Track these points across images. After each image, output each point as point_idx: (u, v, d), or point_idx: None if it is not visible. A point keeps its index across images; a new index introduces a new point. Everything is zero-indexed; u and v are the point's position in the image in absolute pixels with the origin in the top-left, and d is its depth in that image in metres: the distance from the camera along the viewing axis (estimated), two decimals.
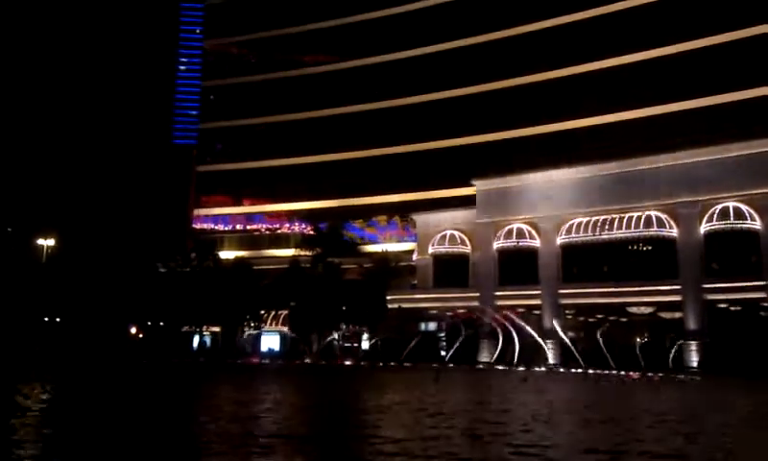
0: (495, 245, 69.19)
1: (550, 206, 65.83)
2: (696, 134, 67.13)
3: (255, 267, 77.89)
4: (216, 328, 78.83)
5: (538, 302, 65.62)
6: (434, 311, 71.55)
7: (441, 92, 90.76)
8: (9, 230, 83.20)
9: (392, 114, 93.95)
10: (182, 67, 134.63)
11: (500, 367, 61.37)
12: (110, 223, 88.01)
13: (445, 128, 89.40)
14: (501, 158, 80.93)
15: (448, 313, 68.08)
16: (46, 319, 74.36)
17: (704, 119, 72.30)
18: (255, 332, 79.26)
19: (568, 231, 65.18)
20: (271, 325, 78.08)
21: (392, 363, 64.29)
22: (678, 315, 58.97)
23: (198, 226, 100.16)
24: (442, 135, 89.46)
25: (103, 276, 70.89)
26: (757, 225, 56.25)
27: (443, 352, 69.99)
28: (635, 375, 51.37)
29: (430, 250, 73.96)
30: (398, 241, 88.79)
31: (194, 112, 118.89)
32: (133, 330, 78.41)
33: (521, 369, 59.24)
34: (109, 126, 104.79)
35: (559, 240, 65.61)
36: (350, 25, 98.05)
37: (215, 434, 16.55)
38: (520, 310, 66.68)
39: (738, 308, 56.90)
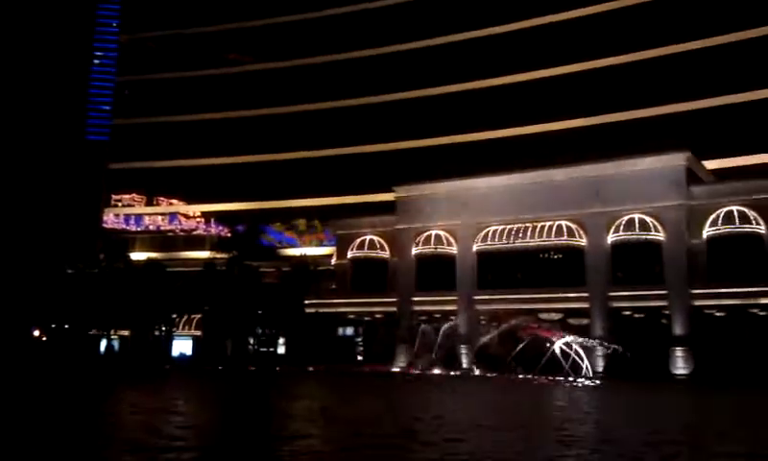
0: (414, 251, 69.77)
1: (468, 213, 66.95)
2: (605, 148, 70.07)
3: (169, 269, 75.65)
4: (125, 332, 76.06)
5: (454, 307, 66.53)
6: (352, 316, 71.50)
7: (362, 98, 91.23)
8: None
9: (312, 118, 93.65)
10: (97, 61, 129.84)
11: (416, 371, 61.92)
12: (14, 219, 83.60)
13: (367, 133, 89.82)
14: (421, 166, 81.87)
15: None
16: None
17: (613, 133, 75.65)
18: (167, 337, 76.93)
19: (484, 239, 66.47)
20: (184, 329, 75.99)
21: (310, 368, 63.79)
22: (585, 321, 61.04)
23: (108, 225, 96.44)
24: (363, 141, 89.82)
25: (3, 274, 67.26)
26: (661, 236, 58.96)
27: (359, 358, 69.98)
28: (542, 379, 52.75)
29: (349, 254, 73.83)
30: (318, 245, 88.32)
31: (107, 108, 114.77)
32: (36, 333, 74.72)
33: (436, 372, 59.99)
34: (17, 118, 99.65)
35: (475, 247, 66.80)
36: (273, 26, 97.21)
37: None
38: (437, 316, 67.53)
39: (642, 316, 59.43)
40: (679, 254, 57.70)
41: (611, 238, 60.96)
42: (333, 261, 77.66)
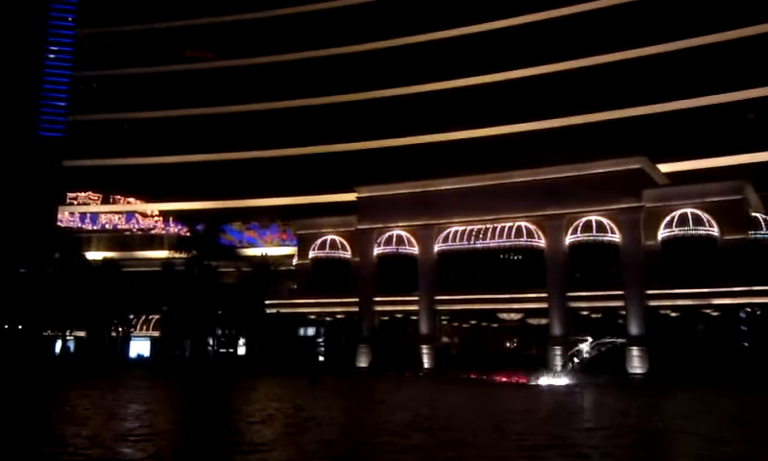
0: (376, 251, 69.81)
1: (429, 214, 67.28)
2: (564, 150, 71.41)
3: (126, 269, 74.28)
4: (81, 333, 74.38)
5: (415, 307, 66.77)
6: (313, 316, 71.18)
7: (324, 97, 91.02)
8: None
9: (273, 117, 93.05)
10: (51, 56, 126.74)
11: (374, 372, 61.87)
12: None
13: (329, 133, 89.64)
14: (383, 166, 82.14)
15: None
16: None
17: (572, 136, 77.04)
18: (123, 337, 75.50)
19: (445, 240, 66.86)
20: (141, 329, 74.67)
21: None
22: (544, 321, 61.91)
23: (63, 224, 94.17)
24: (325, 141, 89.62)
25: None
26: (617, 238, 60.15)
27: (321, 358, 69.66)
28: (512, 378, 53.07)
29: (310, 254, 73.47)
30: (279, 245, 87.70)
31: (62, 104, 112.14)
32: None
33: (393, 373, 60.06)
34: None
35: (436, 248, 67.15)
36: (233, 23, 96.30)
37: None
38: (398, 316, 67.72)
39: (599, 316, 60.54)
40: (635, 256, 58.94)
41: (568, 239, 61.93)
42: (294, 261, 77.18)
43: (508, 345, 66.42)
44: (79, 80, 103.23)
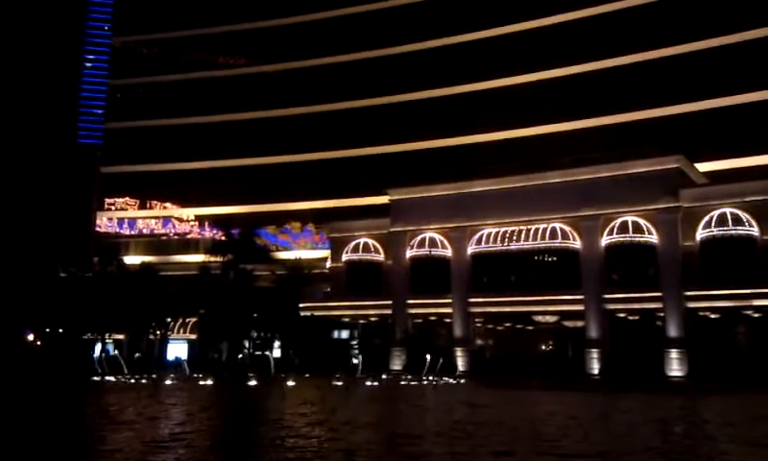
0: (408, 253, 69.84)
1: (462, 216, 67.09)
2: (599, 150, 70.63)
3: (163, 273, 75.43)
4: (120, 336, 75.74)
5: (449, 310, 66.60)
6: (347, 319, 71.46)
7: (356, 101, 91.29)
8: None
9: (306, 121, 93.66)
10: (89, 64, 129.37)
11: (409, 376, 61.63)
12: (8, 225, 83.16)
13: (361, 136, 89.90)
14: (415, 169, 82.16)
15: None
16: None
17: (607, 136, 76.09)
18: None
19: (478, 242, 66.61)
20: (179, 332, 75.74)
21: (307, 374, 63.43)
22: (580, 324, 61.28)
23: (102, 229, 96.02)
24: (357, 144, 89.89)
25: None
26: (654, 238, 59.27)
27: (354, 361, 69.75)
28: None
29: (344, 258, 73.80)
30: (312, 248, 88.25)
31: (99, 111, 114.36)
32: (31, 337, 74.31)
33: (432, 378, 59.77)
34: (8, 122, 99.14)
35: (469, 250, 66.92)
36: (265, 29, 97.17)
37: None
38: (431, 318, 67.65)
39: (636, 318, 59.73)
40: (673, 257, 58.00)
41: (604, 241, 61.22)
42: (328, 264, 77.61)
43: (543, 347, 65.93)
44: (115, 88, 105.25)
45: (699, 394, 41.54)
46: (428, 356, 61.80)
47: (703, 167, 66.34)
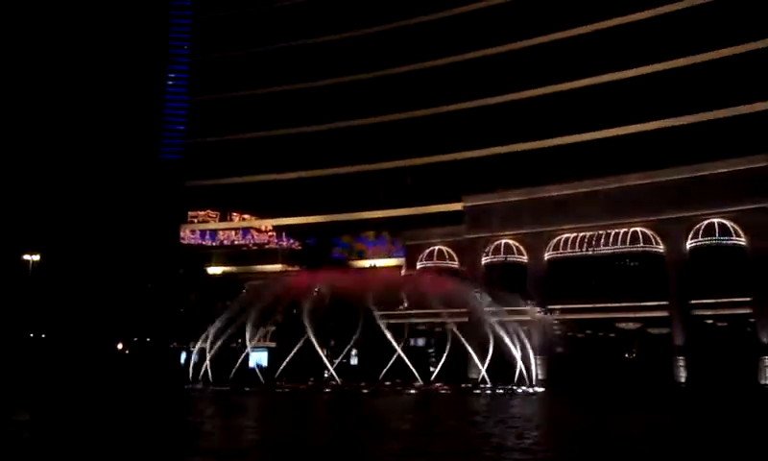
0: (484, 260, 69.30)
1: (538, 221, 66.14)
2: (681, 151, 68.01)
3: (243, 282, 77.45)
4: (204, 345, 78.12)
5: (526, 317, 65.58)
6: (423, 327, 71.37)
7: (429, 109, 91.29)
8: None
9: (379, 130, 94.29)
10: (170, 82, 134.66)
11: (486, 385, 60.89)
12: (97, 238, 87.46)
13: (435, 144, 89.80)
14: (490, 174, 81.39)
15: None
16: (31, 335, 73.67)
17: (689, 136, 73.16)
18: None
19: (556, 247, 65.45)
20: (259, 341, 77.44)
21: (387, 382, 63.54)
22: (666, 330, 59.23)
23: (186, 241, 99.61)
24: (431, 151, 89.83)
25: (89, 291, 70.28)
26: (743, 241, 56.71)
27: (431, 369, 69.58)
28: None
29: (418, 265, 73.93)
30: (387, 257, 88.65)
31: (181, 127, 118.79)
32: (120, 346, 77.73)
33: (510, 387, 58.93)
34: (97, 140, 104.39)
35: (546, 256, 65.82)
36: (335, 42, 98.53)
37: None
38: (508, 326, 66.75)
39: (725, 324, 57.25)
40: (764, 260, 55.25)
41: (689, 244, 59.06)
42: (403, 272, 77.89)
43: (626, 355, 63.98)
44: (196, 104, 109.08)
45: None
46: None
47: None
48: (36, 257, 69.88)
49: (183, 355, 77.55)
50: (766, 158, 57.19)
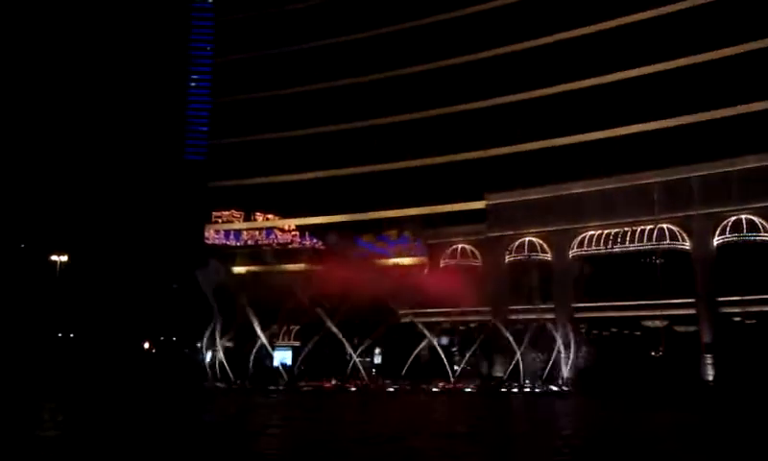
0: (507, 258, 69.05)
1: (562, 219, 65.77)
2: (706, 147, 67.04)
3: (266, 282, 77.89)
4: (229, 344, 78.79)
5: (551, 316, 65.24)
6: (447, 325, 71.29)
7: (450, 107, 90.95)
8: (22, 246, 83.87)
9: (400, 129, 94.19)
10: (193, 84, 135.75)
11: (511, 383, 60.72)
12: (123, 239, 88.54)
13: (456, 142, 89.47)
14: (512, 172, 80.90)
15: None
16: (60, 335, 74.82)
17: (717, 132, 72.10)
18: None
19: (580, 245, 65.03)
20: (283, 339, 77.92)
21: (408, 381, 63.58)
22: (693, 328, 58.59)
23: (210, 241, 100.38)
24: (452, 150, 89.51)
25: (116, 291, 71.21)
26: None
27: (455, 368, 69.48)
28: None
29: (441, 264, 73.87)
30: (409, 255, 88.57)
31: (204, 128, 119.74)
32: (146, 345, 78.66)
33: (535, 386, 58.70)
34: (122, 142, 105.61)
35: (571, 253, 65.41)
36: (359, 41, 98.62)
37: None
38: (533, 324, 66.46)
39: (753, 321, 56.49)
40: None
41: (716, 241, 58.37)
42: (425, 271, 77.86)
43: (653, 353, 63.34)
44: (218, 105, 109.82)
45: None
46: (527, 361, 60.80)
47: None
48: (64, 258, 70.97)
49: (209, 355, 78.37)
50: None
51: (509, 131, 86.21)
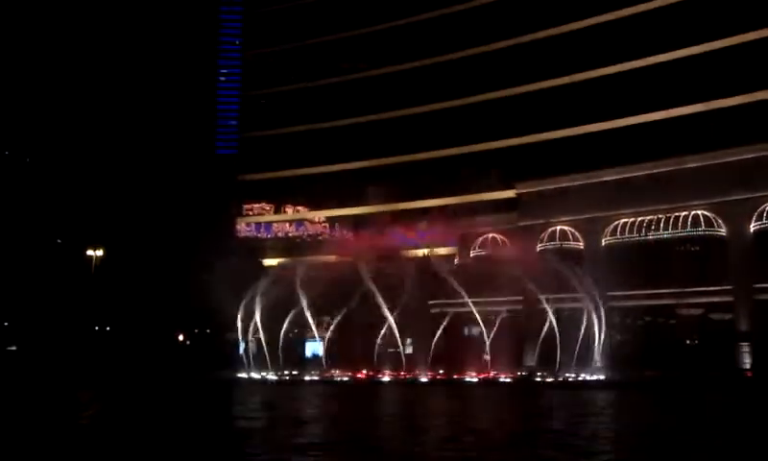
0: (538, 247, 68.51)
1: (594, 207, 65.01)
2: (740, 130, 65.53)
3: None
4: (261, 336, 79.57)
5: (581, 305, 64.53)
6: (479, 315, 70.98)
7: (479, 95, 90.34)
8: (58, 241, 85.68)
9: (428, 119, 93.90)
10: (223, 78, 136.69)
11: (543, 373, 60.23)
12: (157, 232, 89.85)
13: (485, 131, 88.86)
14: (543, 160, 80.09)
15: None
16: (96, 328, 76.33)
17: (752, 115, 70.41)
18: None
19: (613, 233, 64.25)
20: (321, 329, 78.40)
21: (441, 371, 63.55)
22: (728, 317, 57.57)
23: (241, 234, 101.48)
24: (482, 139, 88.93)
25: (151, 284, 72.38)
26: None
27: (486, 357, 69.20)
28: None
29: (472, 253, 73.60)
30: (440, 246, 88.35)
31: (234, 122, 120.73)
32: (181, 338, 79.86)
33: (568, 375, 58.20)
34: (154, 137, 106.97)
35: (604, 242, 64.65)
36: (388, 30, 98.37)
37: None
38: (566, 313, 65.84)
39: None
40: None
41: (753, 227, 57.19)
42: (456, 261, 77.68)
43: (688, 342, 62.37)
44: (248, 99, 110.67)
45: None
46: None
47: None
48: (100, 253, 72.31)
49: (242, 346, 79.26)
50: None
51: (539, 119, 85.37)
